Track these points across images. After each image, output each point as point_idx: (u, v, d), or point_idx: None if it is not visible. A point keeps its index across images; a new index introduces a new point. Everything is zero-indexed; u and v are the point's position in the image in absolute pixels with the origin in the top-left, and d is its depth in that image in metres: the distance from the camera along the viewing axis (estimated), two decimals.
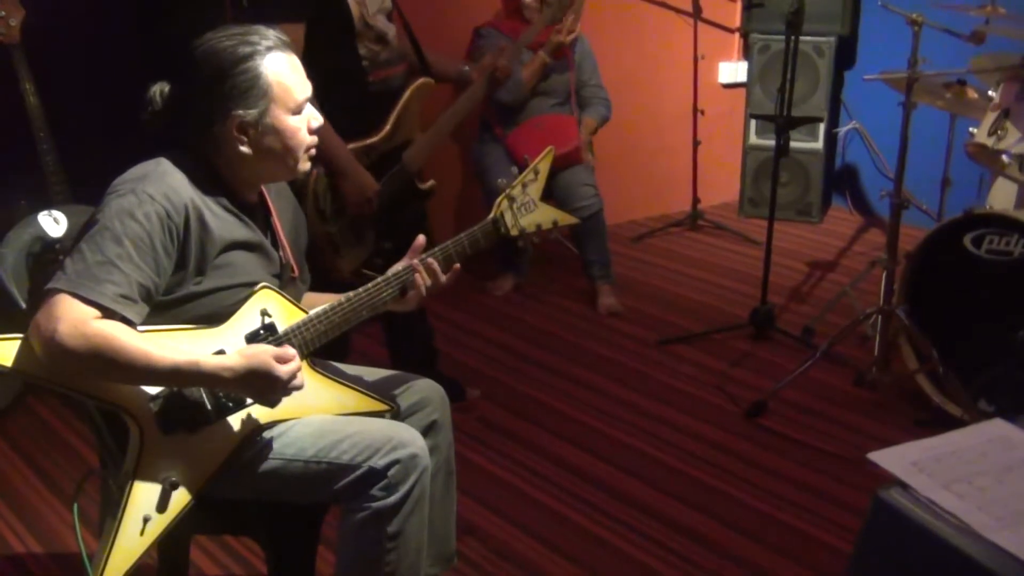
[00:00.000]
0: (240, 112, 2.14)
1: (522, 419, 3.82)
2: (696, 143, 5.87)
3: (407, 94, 3.33)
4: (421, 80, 3.37)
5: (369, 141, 3.27)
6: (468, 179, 5.22)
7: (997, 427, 1.57)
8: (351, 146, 3.22)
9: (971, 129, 3.98)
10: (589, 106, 4.95)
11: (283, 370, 2.07)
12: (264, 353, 2.07)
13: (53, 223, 2.32)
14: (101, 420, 2.17)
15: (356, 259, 3.30)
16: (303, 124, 2.23)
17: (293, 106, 2.20)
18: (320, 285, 2.54)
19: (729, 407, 3.92)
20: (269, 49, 2.17)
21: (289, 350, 2.12)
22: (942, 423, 3.64)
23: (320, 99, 3.06)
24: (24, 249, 2.28)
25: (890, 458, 1.46)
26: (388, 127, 3.30)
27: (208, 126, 2.18)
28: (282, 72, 2.18)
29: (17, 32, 3.37)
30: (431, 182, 3.49)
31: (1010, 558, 1.30)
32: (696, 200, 5.99)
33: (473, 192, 5.09)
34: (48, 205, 2.43)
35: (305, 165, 2.29)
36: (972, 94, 4.29)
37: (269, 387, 2.08)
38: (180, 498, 2.11)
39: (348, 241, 3.28)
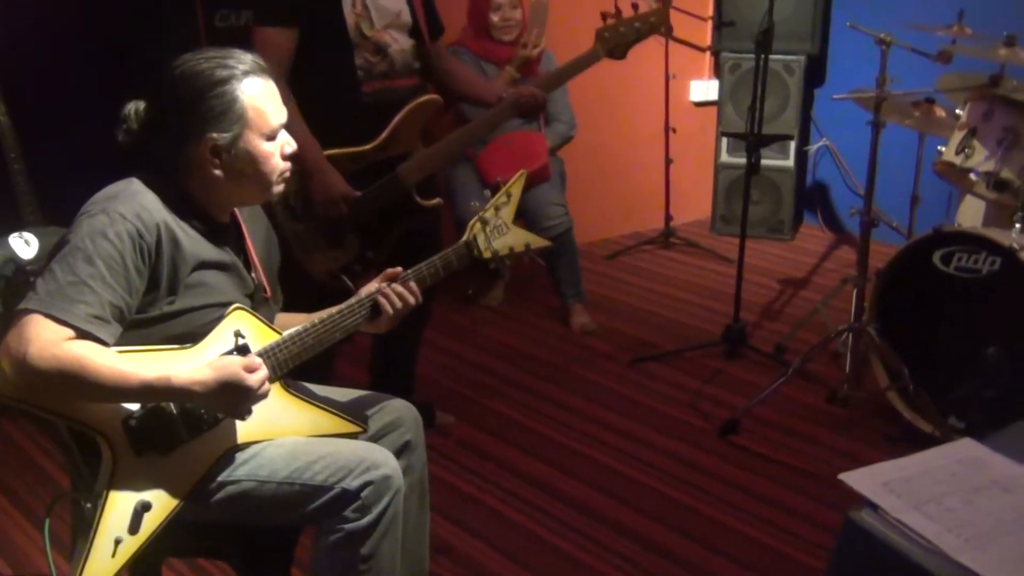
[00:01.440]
0: (214, 135, 2.14)
1: (495, 438, 3.82)
2: (668, 161, 5.91)
3: (408, 107, 3.28)
4: (428, 96, 3.33)
5: (358, 149, 3.24)
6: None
7: (967, 447, 1.58)
8: (336, 151, 3.20)
9: (939, 147, 4.02)
10: (548, 124, 4.97)
11: (253, 379, 2.07)
12: (233, 364, 2.07)
13: (24, 245, 2.31)
14: (72, 441, 2.15)
15: (332, 262, 3.27)
16: (276, 149, 2.23)
17: (268, 131, 2.20)
18: (291, 288, 2.54)
19: (702, 425, 3.93)
20: (246, 73, 2.17)
21: (255, 359, 2.12)
22: (913, 440, 3.67)
23: (308, 104, 3.08)
24: None
25: (861, 479, 1.47)
26: (382, 138, 3.26)
27: (182, 147, 2.18)
28: (258, 97, 2.18)
29: None
30: (436, 200, 3.42)
31: None
32: (668, 218, 6.02)
33: (444, 215, 5.07)
34: (19, 227, 2.42)
35: (278, 189, 2.28)
36: (940, 113, 4.34)
37: (241, 397, 2.08)
38: (152, 520, 2.09)
39: (318, 242, 3.25)
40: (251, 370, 2.08)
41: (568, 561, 3.10)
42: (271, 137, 2.21)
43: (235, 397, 2.08)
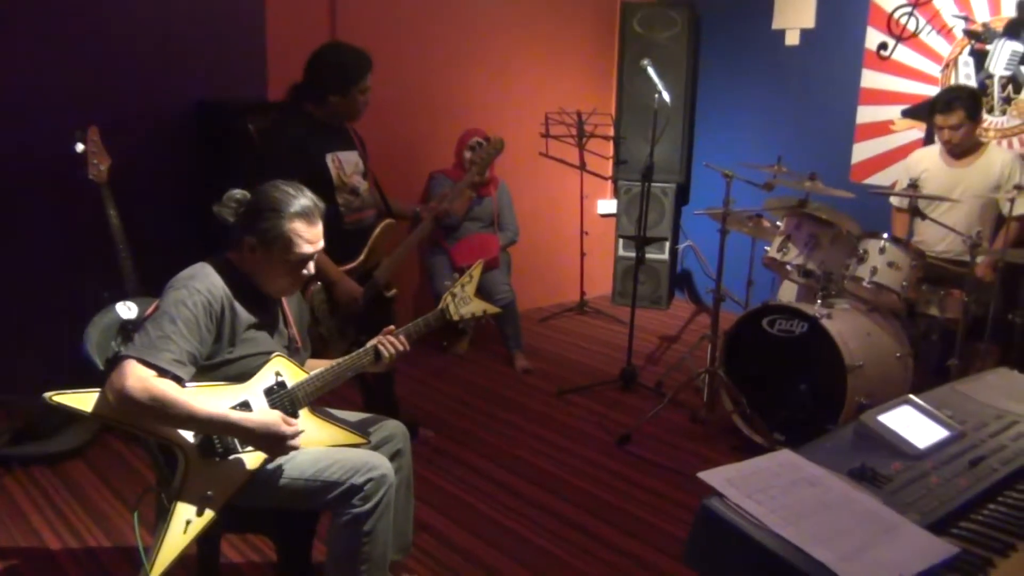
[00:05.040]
0: (254, 240, 2.15)
1: (462, 446, 3.77)
2: (583, 254, 5.94)
3: (377, 232, 3.29)
4: (388, 221, 3.33)
5: (349, 266, 3.22)
6: (423, 280, 5.21)
7: (785, 456, 1.58)
8: (341, 268, 3.19)
9: (766, 247, 4.07)
10: (501, 230, 4.99)
11: (289, 430, 2.07)
12: (275, 415, 2.08)
13: (127, 309, 2.27)
14: (157, 449, 2.11)
15: (341, 350, 3.21)
16: (296, 269, 2.22)
17: (294, 259, 2.19)
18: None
19: (606, 437, 3.90)
20: (297, 214, 2.17)
21: (294, 424, 2.10)
22: (750, 449, 3.67)
23: None
24: (106, 329, 2.23)
25: (712, 476, 1.46)
26: (363, 256, 3.25)
27: (242, 236, 2.18)
28: (297, 231, 2.17)
29: (105, 174, 3.30)
30: (394, 290, 3.42)
31: (792, 546, 1.31)
32: (583, 293, 6.04)
33: (426, 289, 5.07)
34: (123, 296, 2.38)
35: (292, 291, 2.30)
36: (766, 224, 4.40)
37: (277, 439, 2.06)
38: (213, 505, 2.05)
39: (334, 337, 3.21)
40: (289, 424, 2.08)
41: (511, 534, 3.06)
42: (296, 261, 2.20)
43: (272, 439, 2.06)
